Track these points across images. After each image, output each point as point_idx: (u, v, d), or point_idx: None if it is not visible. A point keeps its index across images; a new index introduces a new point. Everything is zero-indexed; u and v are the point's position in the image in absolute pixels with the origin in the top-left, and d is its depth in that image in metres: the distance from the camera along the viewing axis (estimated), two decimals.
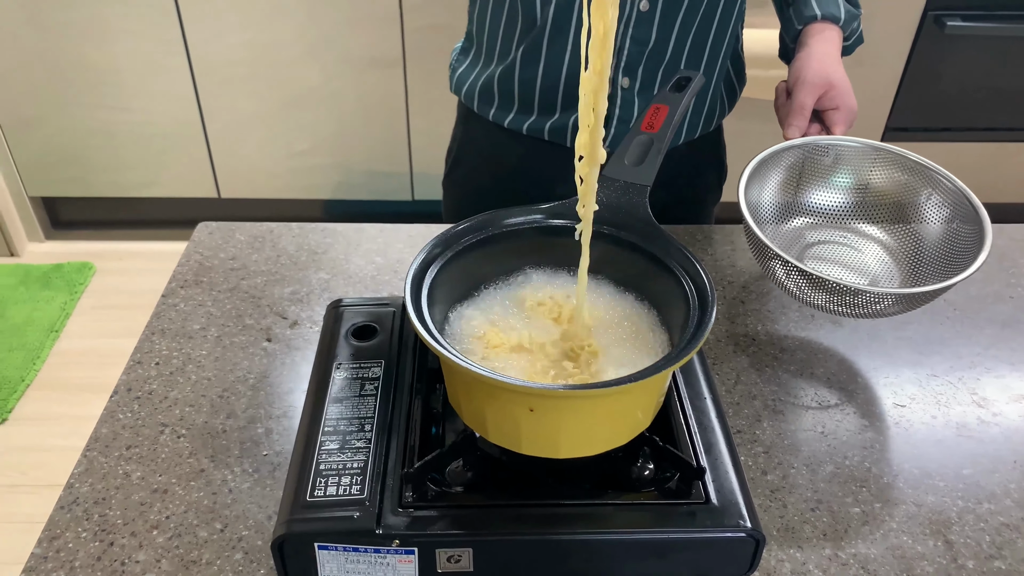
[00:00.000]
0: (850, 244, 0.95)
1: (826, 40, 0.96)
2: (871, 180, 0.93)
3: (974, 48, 2.20)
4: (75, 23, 2.11)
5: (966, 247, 0.82)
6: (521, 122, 1.02)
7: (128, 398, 0.79)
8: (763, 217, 0.92)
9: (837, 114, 0.95)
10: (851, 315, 0.81)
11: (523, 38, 0.96)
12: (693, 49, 0.96)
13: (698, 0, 0.92)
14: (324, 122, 2.30)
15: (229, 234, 1.01)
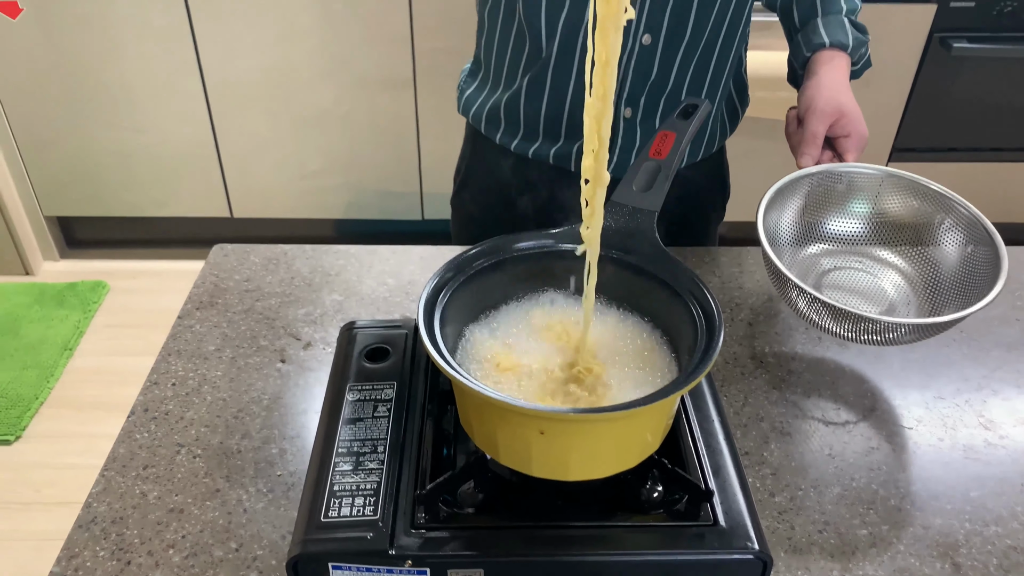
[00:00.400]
0: (867, 270, 0.95)
1: (835, 68, 0.98)
2: (886, 207, 0.94)
3: (980, 69, 2.22)
4: (92, 46, 2.15)
5: (982, 273, 0.83)
6: (527, 147, 1.04)
7: (145, 418, 0.81)
8: (781, 244, 0.93)
9: (849, 141, 0.96)
10: (868, 343, 0.81)
11: (529, 67, 0.98)
12: (695, 78, 0.98)
13: (699, 33, 0.93)
14: (336, 143, 2.33)
15: (244, 256, 1.02)
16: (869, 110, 1.01)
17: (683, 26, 0.93)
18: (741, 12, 0.95)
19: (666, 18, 0.91)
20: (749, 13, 0.99)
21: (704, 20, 0.93)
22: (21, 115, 2.26)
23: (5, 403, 2.00)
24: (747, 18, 0.99)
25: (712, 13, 0.92)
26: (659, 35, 0.92)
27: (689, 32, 0.93)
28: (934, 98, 2.27)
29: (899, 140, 2.34)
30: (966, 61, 2.19)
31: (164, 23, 2.11)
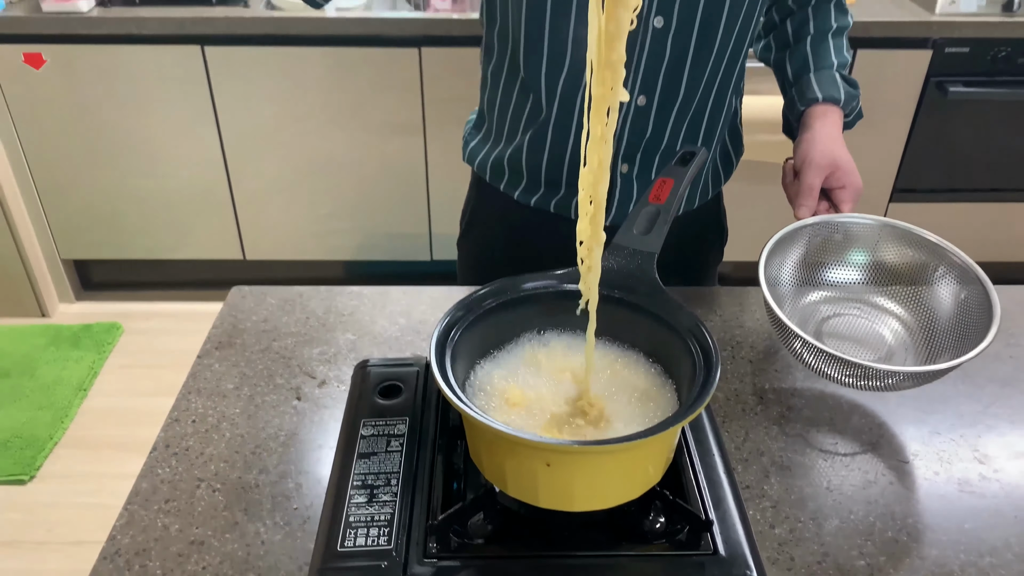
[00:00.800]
0: (866, 317, 0.98)
1: (829, 122, 1.02)
2: (882, 255, 0.97)
3: (976, 112, 2.27)
4: (112, 95, 2.22)
5: (976, 318, 0.85)
6: (529, 197, 1.08)
7: (167, 454, 0.84)
8: (782, 293, 0.96)
9: (844, 192, 1.00)
10: (868, 388, 0.84)
11: (530, 124, 1.02)
12: (689, 132, 1.02)
13: (693, 92, 0.98)
14: (347, 186, 2.39)
15: (261, 298, 1.06)
16: (870, 153, 1.05)
17: (676, 87, 0.97)
18: (733, 68, 1.00)
19: (660, 81, 0.96)
20: (742, 67, 1.04)
21: (697, 80, 0.97)
22: (42, 161, 2.33)
23: (20, 443, 2.03)
24: (740, 72, 1.04)
25: (704, 73, 0.97)
26: (653, 96, 0.97)
27: (682, 92, 0.98)
28: (932, 140, 2.32)
29: (899, 182, 2.38)
30: (962, 104, 2.24)
31: (182, 73, 2.19)
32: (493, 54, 1.04)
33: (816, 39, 1.07)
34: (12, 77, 2.18)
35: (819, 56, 1.06)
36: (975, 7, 2.18)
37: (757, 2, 0.95)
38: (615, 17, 0.54)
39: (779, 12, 1.11)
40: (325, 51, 2.17)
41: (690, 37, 0.93)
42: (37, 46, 2.14)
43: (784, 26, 1.10)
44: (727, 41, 0.96)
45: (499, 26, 1.00)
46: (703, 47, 0.95)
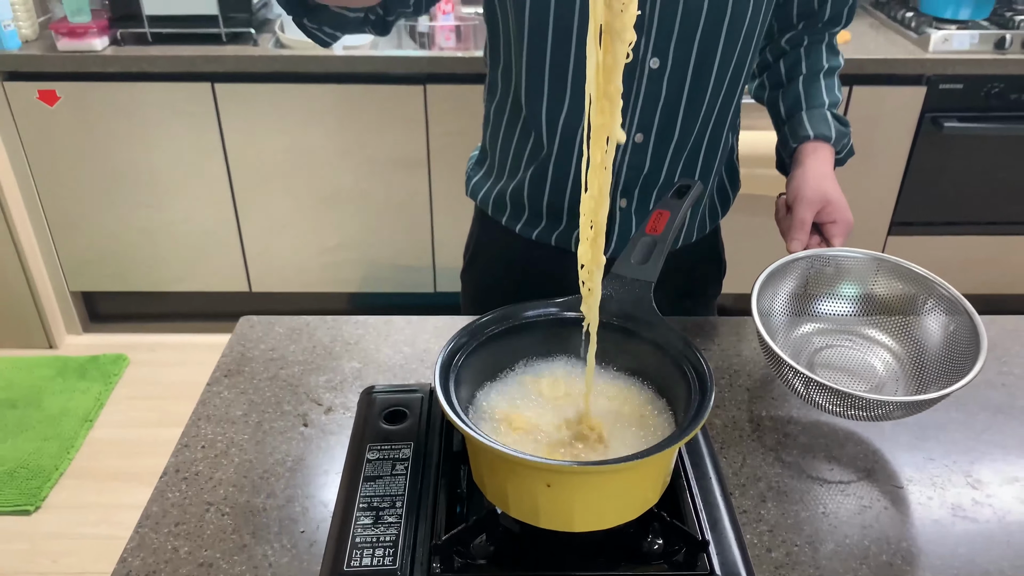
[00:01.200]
0: (857, 348, 1.00)
1: (820, 159, 1.05)
2: (872, 288, 0.99)
3: (970, 147, 2.31)
4: (122, 130, 2.27)
5: (964, 350, 0.87)
6: (530, 230, 1.11)
7: (176, 479, 0.86)
8: (775, 325, 0.98)
9: (835, 227, 1.03)
10: (860, 419, 0.86)
11: (532, 161, 1.06)
12: (686, 168, 1.05)
13: (688, 130, 1.01)
14: (353, 220, 2.43)
15: (269, 327, 1.09)
16: (867, 186, 1.08)
17: (672, 125, 1.01)
18: (728, 107, 1.03)
19: (656, 119, 0.99)
20: (738, 106, 1.07)
21: (692, 118, 1.01)
22: (53, 195, 2.37)
23: (26, 474, 2.04)
24: (735, 110, 1.07)
25: (700, 112, 1.00)
26: (650, 134, 1.01)
27: (678, 130, 1.01)
28: (928, 174, 2.36)
29: (897, 215, 2.41)
30: (957, 139, 2.28)
31: (192, 109, 2.24)
32: (496, 93, 1.08)
33: (808, 79, 1.11)
34: (27, 113, 2.23)
35: (811, 95, 1.10)
36: (968, 45, 2.23)
37: (750, 45, 0.99)
38: (611, 51, 0.57)
39: (773, 52, 1.15)
40: (332, 88, 2.22)
41: (685, 78, 0.97)
42: (52, 83, 2.19)
43: (777, 66, 1.14)
44: (721, 82, 0.99)
45: (502, 66, 1.04)
46: (697, 87, 0.98)
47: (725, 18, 0.93)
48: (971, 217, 2.43)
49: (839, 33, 1.14)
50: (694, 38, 0.94)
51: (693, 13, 0.92)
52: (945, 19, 2.35)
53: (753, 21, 0.96)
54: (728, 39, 0.95)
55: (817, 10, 1.09)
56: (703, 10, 0.92)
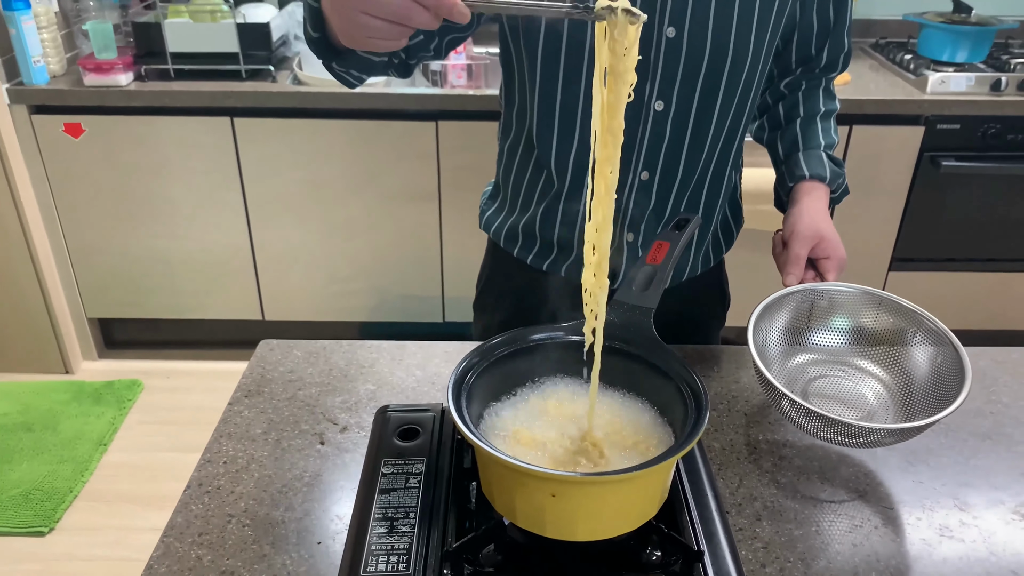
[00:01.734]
0: (849, 378, 1.04)
1: (815, 198, 1.11)
2: (863, 322, 1.04)
3: (968, 185, 2.36)
4: (144, 162, 2.35)
5: (950, 381, 0.91)
6: (541, 262, 1.16)
7: (199, 492, 0.90)
8: (770, 356, 1.02)
9: (829, 263, 1.08)
10: (851, 445, 0.90)
11: (543, 196, 1.11)
12: (690, 205, 1.11)
13: (692, 168, 1.07)
14: (364, 251, 2.49)
15: (287, 351, 1.14)
16: (868, 223, 1.14)
17: (676, 164, 1.06)
18: (730, 147, 1.09)
19: (661, 158, 1.05)
20: (740, 146, 1.13)
21: (695, 158, 1.06)
22: (75, 224, 2.44)
23: (41, 495, 2.08)
24: (738, 150, 1.12)
25: (703, 152, 1.06)
26: (655, 172, 1.06)
27: (682, 168, 1.07)
28: (927, 212, 2.41)
29: (897, 251, 2.46)
30: (955, 178, 2.34)
31: (212, 142, 2.32)
32: (510, 132, 1.14)
33: (805, 121, 1.17)
34: (52, 145, 2.31)
35: (808, 137, 1.15)
36: (964, 87, 2.29)
37: (750, 90, 1.04)
38: (615, 90, 0.64)
39: (772, 96, 1.21)
40: (347, 123, 2.29)
41: (688, 119, 1.03)
42: (77, 116, 2.27)
43: (776, 108, 1.20)
44: (723, 123, 1.05)
45: (517, 107, 1.10)
46: (700, 128, 1.04)
47: (726, 64, 0.99)
48: (969, 254, 2.48)
49: (837, 77, 1.20)
50: (696, 82, 1.00)
51: (695, 59, 0.98)
52: (942, 62, 2.42)
53: (752, 67, 1.02)
54: (729, 83, 1.01)
55: (814, 57, 1.14)
56: (705, 56, 0.98)
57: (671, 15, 0.95)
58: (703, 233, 1.16)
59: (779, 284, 1.08)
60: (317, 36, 0.85)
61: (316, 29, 0.84)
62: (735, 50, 0.98)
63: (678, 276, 1.17)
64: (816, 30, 1.10)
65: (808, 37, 1.11)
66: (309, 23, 0.85)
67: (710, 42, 0.97)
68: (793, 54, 1.14)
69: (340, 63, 0.91)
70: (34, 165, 2.34)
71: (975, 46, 2.41)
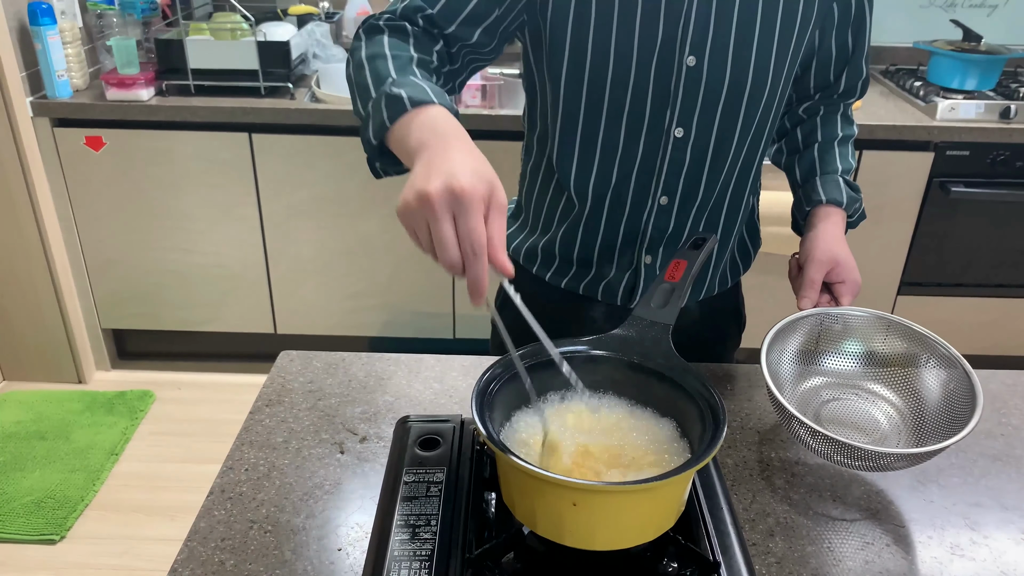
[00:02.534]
0: (861, 402, 1.04)
1: (831, 223, 1.12)
2: (876, 346, 1.04)
3: (977, 211, 2.38)
4: (163, 175, 2.38)
5: (962, 406, 0.92)
6: (560, 279, 1.18)
7: (222, 498, 0.92)
8: (783, 378, 1.03)
9: (844, 287, 1.09)
10: (863, 469, 0.91)
11: (564, 218, 1.13)
12: (708, 228, 1.13)
13: (711, 192, 1.09)
14: (377, 268, 2.51)
15: (307, 362, 1.16)
16: (877, 248, 1.15)
17: (696, 189, 1.08)
18: (748, 172, 1.11)
19: (680, 183, 1.07)
20: (758, 170, 1.14)
21: (714, 183, 1.08)
22: (92, 236, 2.48)
23: (53, 504, 2.10)
24: (756, 174, 1.14)
25: (721, 177, 1.08)
26: (675, 197, 1.08)
27: (701, 193, 1.09)
28: (936, 237, 2.42)
29: (906, 275, 2.48)
30: (963, 203, 2.36)
31: (230, 157, 2.35)
32: (532, 155, 1.16)
33: (823, 146, 1.18)
34: (73, 158, 2.35)
35: (825, 162, 1.17)
36: (974, 114, 2.32)
37: (768, 117, 1.06)
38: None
39: (791, 120, 1.22)
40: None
41: (707, 146, 1.05)
42: (98, 130, 2.31)
43: (795, 133, 1.22)
44: (741, 149, 1.07)
45: (538, 132, 1.13)
46: (719, 155, 1.06)
47: (745, 92, 1.01)
48: (978, 279, 2.49)
49: (855, 102, 1.22)
50: (716, 110, 1.02)
51: (715, 87, 1.00)
52: (952, 89, 2.45)
53: (772, 95, 1.04)
54: (748, 111, 1.03)
55: (833, 83, 1.16)
56: (724, 84, 1.00)
57: (692, 44, 0.98)
58: (720, 254, 1.18)
59: (794, 307, 1.10)
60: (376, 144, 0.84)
61: (377, 138, 0.83)
62: (754, 78, 1.00)
63: (695, 296, 1.19)
64: (835, 57, 1.12)
65: (827, 64, 1.13)
66: (372, 131, 0.83)
67: (730, 70, 0.99)
68: (812, 80, 1.16)
69: (383, 164, 0.90)
70: (55, 177, 2.38)
71: (984, 74, 2.44)
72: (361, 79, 0.88)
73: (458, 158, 0.71)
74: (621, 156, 1.05)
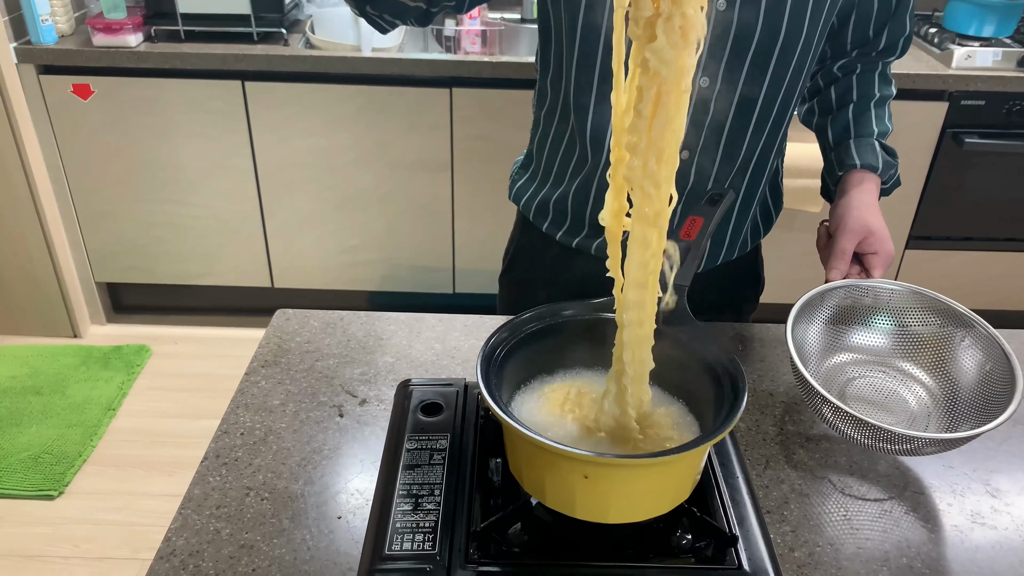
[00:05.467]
0: (890, 381, 0.99)
1: (865, 190, 1.05)
2: (908, 322, 0.98)
3: (991, 163, 2.32)
4: (154, 125, 2.31)
5: (999, 390, 0.87)
6: (571, 239, 1.13)
7: (216, 464, 0.89)
8: (808, 353, 0.97)
9: (876, 258, 1.03)
10: (888, 452, 0.86)
11: (577, 171, 1.08)
12: (730, 188, 1.07)
13: (734, 149, 1.03)
14: (375, 221, 2.46)
15: (304, 320, 1.12)
16: (886, 200, 1.09)
17: (716, 144, 1.02)
18: (776, 132, 1.04)
19: (702, 136, 1.01)
20: (785, 132, 1.08)
21: (738, 140, 1.02)
22: (83, 187, 2.42)
23: (50, 459, 2.08)
24: (783, 135, 1.08)
25: (747, 134, 1.01)
26: (695, 151, 1.02)
27: (722, 149, 1.02)
28: (948, 190, 2.37)
29: (915, 229, 2.43)
30: (977, 155, 2.30)
31: (222, 106, 2.28)
32: (545, 100, 1.10)
33: (859, 107, 1.11)
34: (61, 107, 2.28)
35: (860, 124, 1.10)
36: (990, 62, 2.24)
37: (801, 72, 0.99)
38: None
39: (824, 79, 1.15)
40: (359, 89, 2.25)
41: (732, 98, 0.98)
42: (86, 78, 2.23)
43: (828, 92, 1.14)
44: (769, 105, 1.00)
45: (552, 73, 1.06)
46: (744, 109, 1.00)
47: (778, 41, 0.94)
48: (989, 233, 2.44)
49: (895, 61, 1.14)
50: (745, 59, 0.95)
51: (746, 33, 0.94)
52: (968, 36, 2.37)
53: (806, 46, 0.97)
54: (779, 62, 0.96)
55: (872, 39, 1.09)
56: (756, 31, 0.93)
57: None
58: (743, 217, 1.12)
59: (811, 265, 1.04)
60: None
61: None
62: (788, 26, 0.93)
63: (713, 259, 1.14)
64: (877, 10, 1.05)
65: (867, 17, 1.06)
66: None
67: (763, 16, 0.92)
68: (849, 35, 1.08)
69: (373, 6, 0.88)
70: (42, 127, 2.31)
71: (1002, 20, 2.35)
72: None
73: None
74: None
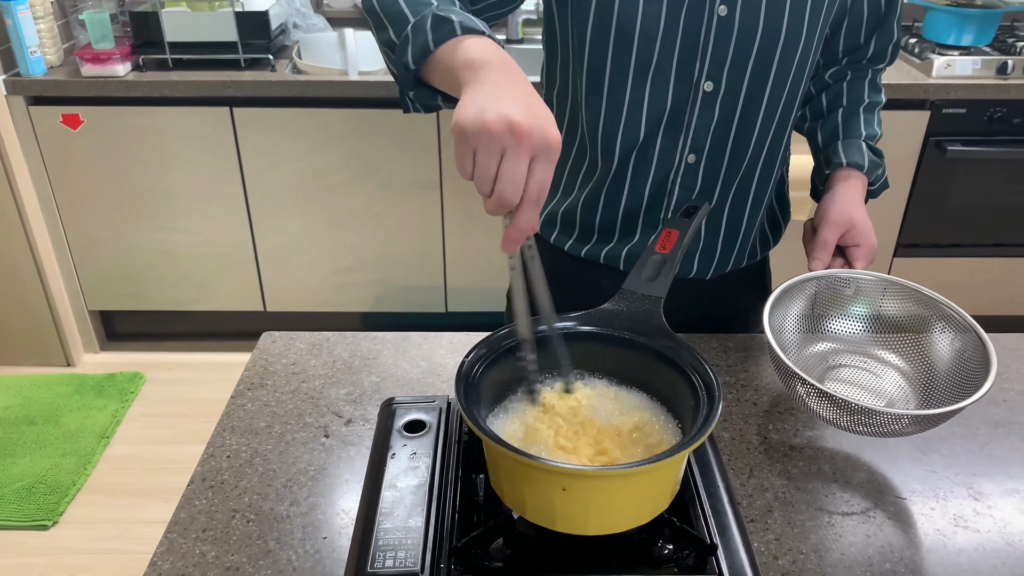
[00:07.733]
0: (869, 368, 1.01)
1: (850, 186, 1.08)
2: (886, 310, 1.01)
3: (974, 169, 2.34)
4: (143, 153, 2.33)
5: (974, 370, 0.89)
6: (579, 248, 1.14)
7: (203, 487, 0.89)
8: (787, 341, 0.99)
9: (858, 251, 1.06)
10: (869, 434, 0.88)
11: (586, 181, 1.09)
12: (737, 194, 1.08)
13: (740, 153, 1.04)
14: (367, 241, 2.47)
15: (290, 343, 1.12)
16: (873, 208, 1.11)
17: (723, 148, 1.04)
18: (780, 137, 1.06)
19: (708, 140, 1.03)
20: (788, 139, 1.10)
21: (744, 143, 1.04)
22: (74, 216, 2.43)
23: (44, 489, 2.07)
24: (787, 143, 1.10)
25: (752, 138, 1.03)
26: (702, 155, 1.04)
27: (728, 153, 1.04)
28: (933, 197, 2.39)
29: (902, 237, 2.44)
30: (960, 163, 2.32)
31: (211, 132, 2.30)
32: (552, 111, 1.11)
33: (848, 111, 1.14)
34: (51, 137, 2.29)
35: (849, 127, 1.13)
36: (970, 70, 2.27)
37: (802, 75, 1.02)
38: None
39: (816, 85, 1.18)
40: (348, 112, 2.27)
41: (737, 102, 1.00)
42: (75, 108, 2.25)
43: (820, 98, 1.18)
44: (773, 109, 1.02)
45: (558, 88, 1.08)
46: (749, 112, 1.02)
47: (778, 45, 0.97)
48: (975, 239, 2.46)
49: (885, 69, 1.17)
50: (748, 63, 0.98)
51: (747, 39, 0.96)
52: (948, 45, 2.40)
53: (805, 51, 0.99)
54: (780, 66, 0.99)
55: (862, 46, 1.12)
56: (757, 36, 0.96)
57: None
58: (751, 226, 1.13)
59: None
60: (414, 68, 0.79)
61: (416, 62, 0.78)
62: (788, 31, 0.96)
63: (722, 268, 1.15)
64: (866, 17, 1.08)
65: (858, 24, 1.09)
66: (412, 54, 0.78)
67: (763, 21, 0.95)
68: (841, 42, 1.12)
69: (418, 96, 0.84)
70: (32, 157, 2.32)
71: (981, 29, 2.38)
72: (393, 5, 0.81)
73: (518, 92, 0.65)
74: (648, 111, 1.01)
